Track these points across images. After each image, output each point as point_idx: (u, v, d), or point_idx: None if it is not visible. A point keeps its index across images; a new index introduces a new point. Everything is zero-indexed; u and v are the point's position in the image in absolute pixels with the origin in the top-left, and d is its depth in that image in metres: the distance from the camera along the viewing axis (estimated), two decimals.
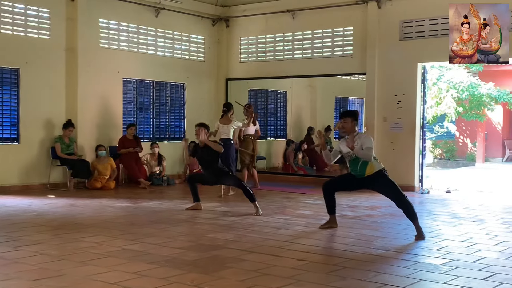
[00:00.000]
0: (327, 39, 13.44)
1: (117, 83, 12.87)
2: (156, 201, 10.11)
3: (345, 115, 7.33)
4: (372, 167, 7.12)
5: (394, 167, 12.17)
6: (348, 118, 7.26)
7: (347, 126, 7.26)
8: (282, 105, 16.64)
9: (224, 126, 11.46)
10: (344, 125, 7.27)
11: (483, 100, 19.75)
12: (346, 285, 5.00)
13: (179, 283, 4.98)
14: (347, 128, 7.26)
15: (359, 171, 7.18)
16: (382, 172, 7.18)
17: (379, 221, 8.38)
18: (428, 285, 5.09)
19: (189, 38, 14.42)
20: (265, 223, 8.05)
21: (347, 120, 7.26)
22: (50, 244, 6.53)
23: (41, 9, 11.59)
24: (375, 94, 12.46)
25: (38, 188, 11.44)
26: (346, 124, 7.26)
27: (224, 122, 11.50)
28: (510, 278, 5.28)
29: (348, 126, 7.25)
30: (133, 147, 12.42)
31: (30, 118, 11.45)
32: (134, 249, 6.28)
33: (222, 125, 11.50)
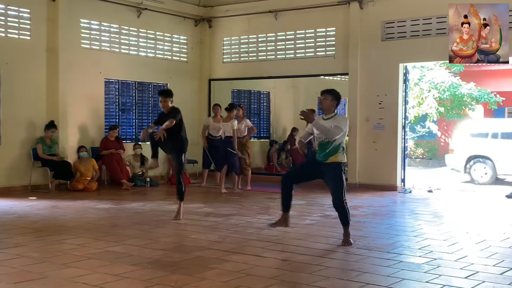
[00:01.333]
0: (309, 39, 13.48)
1: (99, 83, 12.79)
2: (138, 203, 10.07)
3: (326, 92, 6.85)
4: (336, 157, 6.62)
5: (377, 167, 12.31)
6: (328, 95, 6.78)
7: (326, 103, 6.77)
8: (265, 105, 16.66)
9: (227, 124, 11.72)
10: (323, 102, 6.80)
11: (464, 100, 19.93)
12: (329, 284, 5.02)
13: (162, 284, 4.96)
14: (325, 105, 6.77)
15: (322, 157, 6.68)
16: (339, 165, 6.64)
17: (362, 220, 8.41)
18: (411, 284, 5.13)
19: (171, 38, 14.37)
20: (249, 223, 8.05)
21: (327, 97, 6.78)
22: (32, 246, 6.47)
23: (22, 10, 11.47)
24: (357, 94, 12.52)
25: (19, 190, 11.32)
26: (325, 101, 6.78)
27: (226, 120, 11.77)
28: (492, 276, 5.33)
29: (327, 103, 6.75)
30: (115, 148, 12.36)
31: (11, 119, 11.33)
32: (117, 251, 6.25)
33: (225, 123, 11.76)
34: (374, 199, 10.79)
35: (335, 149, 6.63)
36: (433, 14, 11.58)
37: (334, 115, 6.76)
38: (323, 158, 6.68)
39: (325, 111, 6.80)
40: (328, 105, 6.76)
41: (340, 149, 6.66)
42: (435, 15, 11.55)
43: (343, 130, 6.64)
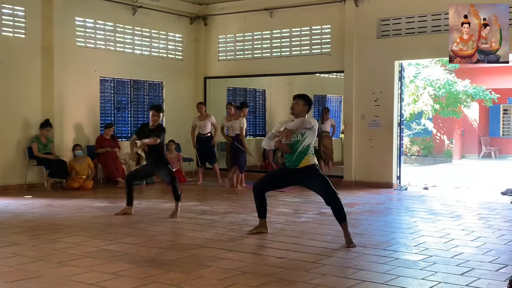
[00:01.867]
0: (305, 37, 13.48)
1: (94, 82, 12.77)
2: (134, 201, 10.01)
3: (298, 97, 6.74)
4: (308, 160, 6.57)
5: (372, 164, 12.33)
6: (301, 100, 6.69)
7: (297, 108, 6.65)
8: (260, 103, 16.65)
9: (236, 122, 11.85)
10: (295, 106, 6.68)
11: (459, 97, 19.97)
12: (325, 282, 5.02)
13: (158, 282, 4.96)
14: (296, 109, 6.66)
15: (293, 162, 6.61)
16: (314, 167, 6.61)
17: (358, 218, 8.42)
18: (407, 281, 5.13)
19: (166, 36, 14.35)
20: (245, 221, 8.05)
21: (299, 102, 6.68)
22: (27, 245, 6.46)
23: (16, 8, 11.44)
24: (353, 91, 12.52)
25: (14, 189, 11.30)
26: (297, 106, 6.68)
27: (236, 118, 11.88)
28: (487, 273, 5.35)
29: (299, 108, 6.65)
30: (110, 146, 12.35)
31: (6, 118, 11.30)
32: (113, 249, 6.24)
33: (235, 121, 11.85)
34: (370, 197, 10.81)
35: (305, 149, 6.57)
36: (428, 11, 11.61)
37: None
38: (295, 163, 6.61)
39: (296, 115, 6.70)
40: (299, 109, 6.68)
41: (309, 149, 6.61)
42: (430, 12, 11.57)
43: (313, 124, 6.56)
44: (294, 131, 6.55)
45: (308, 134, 6.58)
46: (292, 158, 6.63)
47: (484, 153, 23.36)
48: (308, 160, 6.59)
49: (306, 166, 6.59)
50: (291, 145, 6.60)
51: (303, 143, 6.57)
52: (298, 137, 6.57)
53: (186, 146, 14.18)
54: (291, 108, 6.76)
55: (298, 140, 6.57)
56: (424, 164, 20.59)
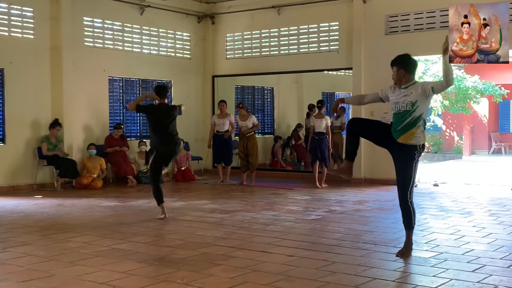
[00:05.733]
0: (313, 34, 13.45)
1: (103, 81, 12.80)
2: (144, 200, 10.06)
3: (391, 64, 5.83)
4: (412, 135, 5.62)
5: (382, 161, 12.26)
6: (394, 67, 5.80)
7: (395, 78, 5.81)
8: (269, 101, 16.64)
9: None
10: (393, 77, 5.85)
11: (469, 93, 19.89)
12: (336, 280, 5.01)
13: (169, 281, 4.96)
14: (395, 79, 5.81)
15: (397, 131, 5.68)
16: (413, 151, 5.67)
17: (368, 215, 8.40)
18: (418, 278, 5.11)
19: (174, 35, 14.37)
20: (254, 219, 8.05)
21: (393, 70, 5.82)
22: (38, 244, 6.48)
23: (25, 8, 11.49)
24: (361, 88, 12.47)
25: (25, 189, 11.35)
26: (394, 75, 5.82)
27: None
28: (499, 269, 5.32)
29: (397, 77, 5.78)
30: (119, 146, 12.38)
31: (15, 118, 11.35)
32: (123, 248, 6.25)
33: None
34: (380, 194, 10.78)
35: (414, 121, 5.60)
36: (436, 7, 11.54)
37: (413, 83, 5.75)
38: (396, 134, 5.70)
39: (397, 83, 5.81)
40: (397, 78, 5.79)
41: (420, 122, 5.62)
42: (438, 8, 11.50)
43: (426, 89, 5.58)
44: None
45: (420, 103, 5.63)
46: (397, 127, 5.69)
47: (494, 149, 23.24)
48: (412, 137, 5.61)
49: (405, 145, 5.67)
50: (399, 113, 5.69)
51: (413, 113, 5.62)
52: (408, 106, 5.64)
53: (195, 144, 14.20)
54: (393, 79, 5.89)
55: (408, 110, 5.63)
56: (434, 160, 20.52)
